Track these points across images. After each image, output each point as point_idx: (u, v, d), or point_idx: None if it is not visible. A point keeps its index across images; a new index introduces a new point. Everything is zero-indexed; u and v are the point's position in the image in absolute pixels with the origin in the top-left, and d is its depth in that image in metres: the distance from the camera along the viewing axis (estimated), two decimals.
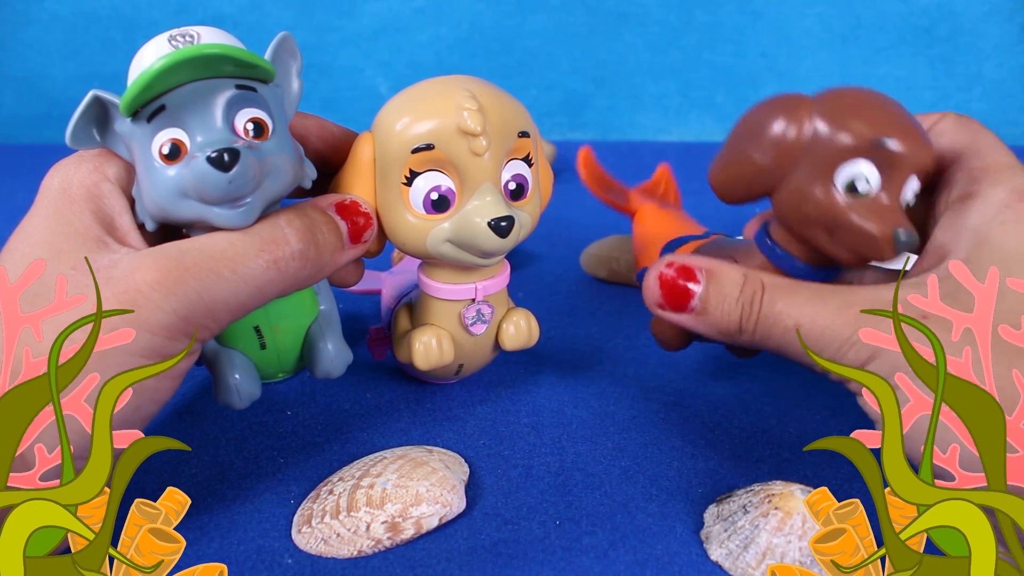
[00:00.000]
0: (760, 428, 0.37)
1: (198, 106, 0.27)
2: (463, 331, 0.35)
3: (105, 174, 0.29)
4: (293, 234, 0.28)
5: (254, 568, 0.29)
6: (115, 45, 0.83)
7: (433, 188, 0.31)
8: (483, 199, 0.31)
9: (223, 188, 0.26)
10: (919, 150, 0.28)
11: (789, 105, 0.29)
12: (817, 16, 0.82)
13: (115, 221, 0.29)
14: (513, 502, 0.32)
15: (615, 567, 0.29)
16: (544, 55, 0.84)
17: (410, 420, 0.38)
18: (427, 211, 0.31)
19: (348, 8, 0.83)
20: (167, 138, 0.27)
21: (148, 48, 0.28)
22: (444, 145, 0.30)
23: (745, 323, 0.29)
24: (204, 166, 0.26)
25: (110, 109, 0.28)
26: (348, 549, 0.30)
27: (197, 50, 0.26)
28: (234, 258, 0.27)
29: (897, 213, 0.28)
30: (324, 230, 0.30)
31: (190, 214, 0.28)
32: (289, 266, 0.28)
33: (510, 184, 0.32)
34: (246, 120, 0.28)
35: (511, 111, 0.32)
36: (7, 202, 0.67)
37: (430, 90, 0.31)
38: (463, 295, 0.34)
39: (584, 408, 0.39)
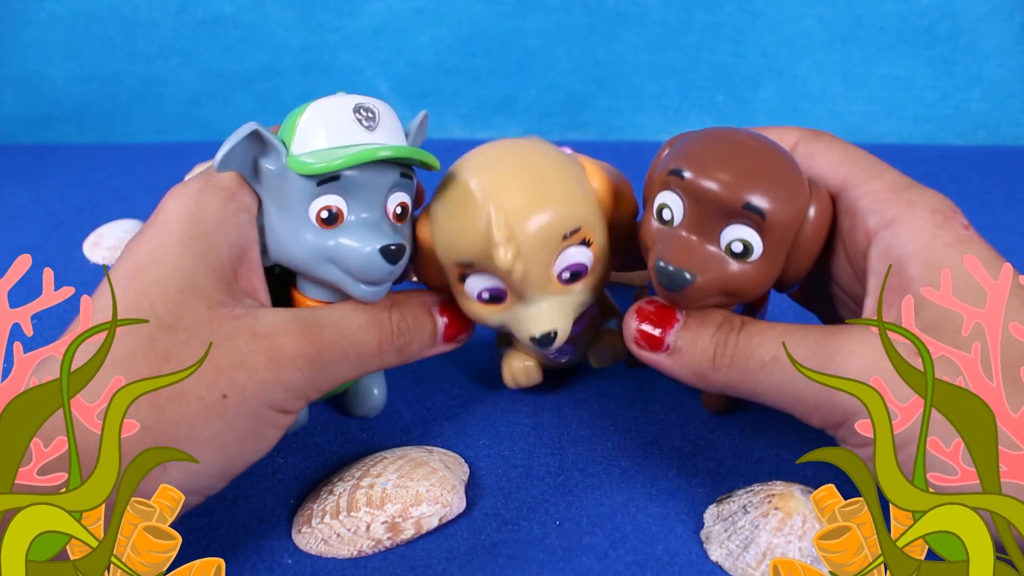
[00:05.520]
0: (760, 428, 0.37)
1: (368, 185, 0.29)
2: (549, 361, 0.37)
3: (242, 203, 0.29)
4: (398, 332, 0.31)
5: (254, 568, 0.29)
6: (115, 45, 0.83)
7: (484, 289, 0.31)
8: (535, 307, 0.31)
9: (383, 275, 0.29)
10: (734, 192, 0.27)
11: (673, 139, 0.31)
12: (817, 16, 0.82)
13: (247, 255, 0.29)
14: (513, 502, 0.32)
15: (615, 567, 0.29)
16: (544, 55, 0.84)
17: (410, 420, 0.38)
18: (483, 303, 0.31)
19: (348, 8, 0.83)
20: (329, 204, 0.28)
21: (330, 111, 0.29)
22: (481, 261, 0.30)
23: (719, 359, 0.29)
24: (374, 255, 0.28)
25: (266, 146, 0.29)
26: (348, 549, 0.30)
27: (397, 152, 0.28)
28: (360, 344, 0.30)
29: (682, 247, 0.27)
30: (423, 329, 0.32)
31: (328, 276, 0.30)
32: (389, 356, 0.31)
33: (564, 274, 0.31)
34: (397, 203, 0.30)
35: (551, 217, 0.29)
36: (7, 202, 0.66)
37: (464, 198, 0.30)
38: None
39: (584, 408, 0.38)
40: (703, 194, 0.27)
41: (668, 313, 0.30)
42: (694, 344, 0.29)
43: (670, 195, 0.28)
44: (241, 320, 0.27)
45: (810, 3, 0.81)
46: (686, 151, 0.29)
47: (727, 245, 0.28)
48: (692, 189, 0.27)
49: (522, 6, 0.83)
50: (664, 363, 0.30)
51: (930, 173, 0.72)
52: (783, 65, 0.83)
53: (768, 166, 0.28)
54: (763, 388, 0.28)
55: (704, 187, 0.27)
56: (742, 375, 0.28)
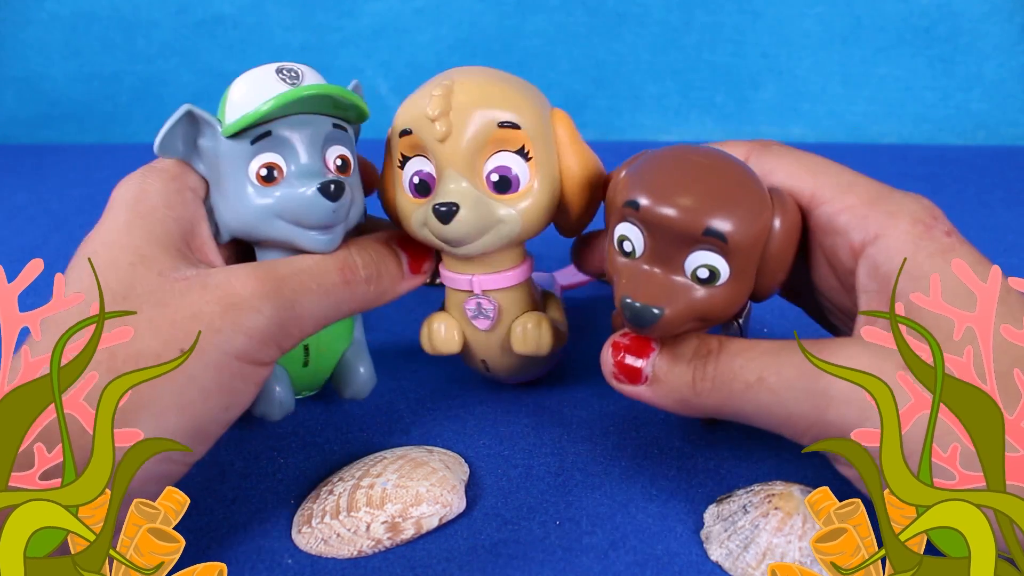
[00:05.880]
0: (760, 428, 0.37)
1: (300, 136, 0.30)
2: (468, 324, 0.35)
3: (186, 183, 0.31)
4: (361, 262, 0.31)
5: (254, 568, 0.29)
6: (115, 45, 0.83)
7: (415, 172, 0.32)
8: (445, 187, 0.31)
9: (327, 215, 0.29)
10: (693, 219, 0.26)
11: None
12: (817, 16, 0.82)
13: (195, 228, 0.30)
14: (513, 502, 0.32)
15: (615, 567, 0.29)
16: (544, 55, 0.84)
17: (410, 420, 0.38)
18: (413, 194, 0.32)
19: (348, 8, 0.83)
20: (266, 161, 0.29)
21: (253, 77, 0.30)
22: (418, 130, 0.31)
23: (699, 383, 0.28)
24: (312, 194, 0.29)
25: (201, 125, 0.30)
26: (348, 549, 0.30)
27: (320, 89, 0.29)
28: (320, 274, 0.30)
29: (646, 281, 0.27)
30: (387, 261, 0.33)
31: (278, 234, 0.30)
32: (359, 288, 0.31)
33: (492, 176, 0.31)
34: (336, 156, 0.31)
35: (490, 103, 0.31)
36: (7, 202, 0.66)
37: (428, 82, 0.32)
38: (460, 285, 0.34)
39: (584, 408, 0.39)
40: (661, 224, 0.26)
41: (643, 343, 0.29)
42: (671, 371, 0.29)
43: (628, 227, 0.27)
44: (192, 279, 0.28)
45: (810, 3, 0.82)
46: (640, 177, 0.28)
47: (692, 272, 0.27)
48: (649, 220, 0.26)
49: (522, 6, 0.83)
50: (645, 395, 0.29)
51: (930, 173, 0.72)
52: (783, 65, 0.83)
53: (725, 185, 0.27)
54: (750, 409, 0.28)
55: (661, 216, 0.26)
56: (725, 397, 0.28)
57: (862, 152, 0.79)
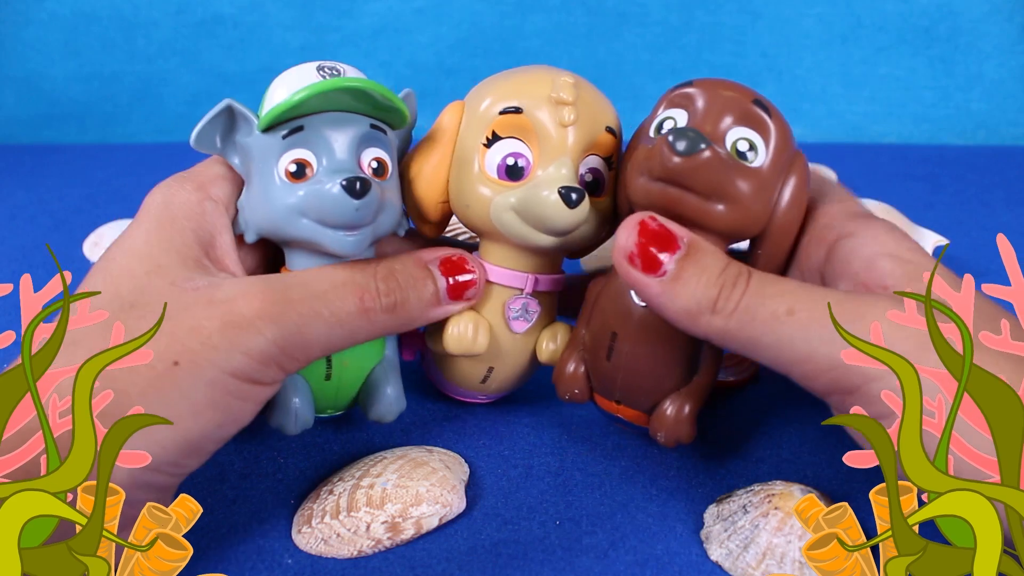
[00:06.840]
0: (760, 428, 0.37)
1: (334, 134, 0.29)
2: (503, 324, 0.33)
3: (208, 193, 0.30)
4: (384, 288, 0.29)
5: (254, 568, 0.29)
6: (115, 45, 0.83)
7: (511, 154, 0.31)
8: (558, 171, 0.30)
9: (349, 214, 0.28)
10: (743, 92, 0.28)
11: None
12: (817, 16, 0.82)
13: (215, 239, 0.30)
14: (513, 502, 0.32)
15: (615, 567, 0.29)
16: (544, 55, 0.84)
17: (410, 420, 0.38)
18: (500, 176, 0.31)
19: (348, 8, 0.83)
20: (296, 157, 0.28)
21: (294, 73, 0.30)
22: (532, 111, 0.30)
23: (722, 303, 0.26)
24: (337, 190, 0.27)
25: (238, 120, 0.30)
26: (348, 549, 0.30)
27: (356, 83, 0.27)
28: (333, 301, 0.28)
29: (694, 126, 0.28)
30: (418, 286, 0.30)
31: (303, 233, 0.29)
32: (377, 317, 0.29)
33: (586, 176, 0.31)
34: (371, 158, 0.30)
35: (603, 106, 0.32)
36: (7, 202, 0.66)
37: (530, 69, 0.32)
38: (514, 282, 0.32)
39: (584, 408, 0.38)
40: (712, 94, 0.28)
41: (671, 237, 0.27)
42: (696, 278, 0.26)
43: (675, 111, 0.29)
44: (201, 291, 0.27)
45: (810, 3, 0.82)
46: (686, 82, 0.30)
47: (733, 144, 0.28)
48: (702, 91, 0.28)
49: (522, 6, 0.83)
50: (653, 289, 0.27)
51: (930, 173, 0.72)
52: (783, 65, 0.83)
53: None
54: (767, 341, 0.26)
55: (715, 83, 0.28)
56: (744, 324, 0.26)
57: (862, 152, 0.79)
